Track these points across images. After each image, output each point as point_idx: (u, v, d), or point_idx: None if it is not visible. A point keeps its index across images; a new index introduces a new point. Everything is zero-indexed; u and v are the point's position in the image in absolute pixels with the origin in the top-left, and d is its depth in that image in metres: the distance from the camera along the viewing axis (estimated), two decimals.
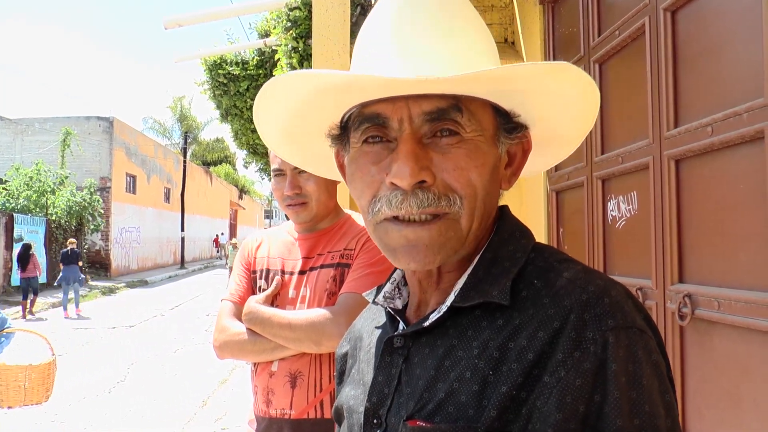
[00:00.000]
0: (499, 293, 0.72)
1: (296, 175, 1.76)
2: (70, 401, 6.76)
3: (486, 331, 0.71)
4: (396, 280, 0.91)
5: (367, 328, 0.95)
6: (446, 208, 0.73)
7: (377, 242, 0.79)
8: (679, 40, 2.20)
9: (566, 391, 0.62)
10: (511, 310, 0.71)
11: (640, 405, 0.62)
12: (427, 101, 0.73)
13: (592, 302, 0.67)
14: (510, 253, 0.78)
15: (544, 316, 0.68)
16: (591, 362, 0.63)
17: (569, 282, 0.70)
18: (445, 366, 0.72)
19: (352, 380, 0.91)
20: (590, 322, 0.65)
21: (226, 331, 1.76)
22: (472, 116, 0.75)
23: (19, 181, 18.50)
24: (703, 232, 2.05)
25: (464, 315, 0.75)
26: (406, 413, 0.73)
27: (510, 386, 0.65)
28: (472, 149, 0.74)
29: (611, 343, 0.64)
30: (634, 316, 0.67)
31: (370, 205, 0.77)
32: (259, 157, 10.37)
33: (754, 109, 1.74)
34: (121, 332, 11.45)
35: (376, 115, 0.75)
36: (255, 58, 7.73)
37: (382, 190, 0.75)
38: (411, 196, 0.72)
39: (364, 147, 0.78)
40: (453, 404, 0.69)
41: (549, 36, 3.68)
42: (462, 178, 0.73)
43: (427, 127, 0.74)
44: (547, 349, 0.65)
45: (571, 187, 3.28)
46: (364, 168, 0.77)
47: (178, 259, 31.39)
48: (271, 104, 0.84)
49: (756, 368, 1.78)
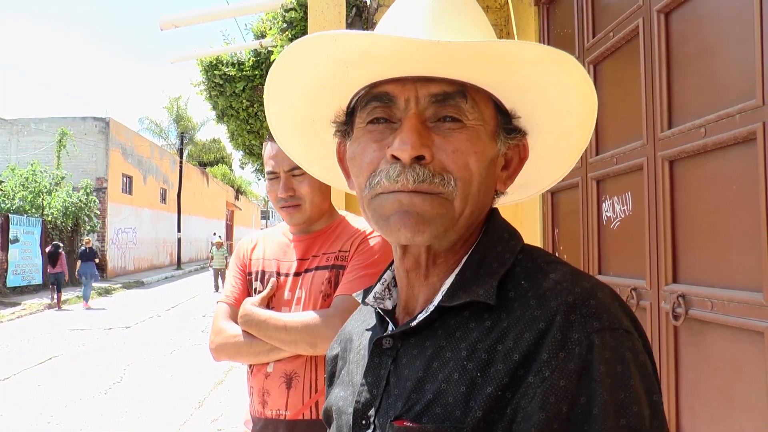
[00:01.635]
0: (486, 293, 0.73)
1: (290, 177, 1.77)
2: (66, 402, 6.74)
3: (474, 333, 0.72)
4: (386, 281, 0.91)
5: (358, 329, 0.95)
6: (440, 187, 0.74)
7: (371, 216, 0.80)
8: (672, 41, 2.21)
9: (550, 391, 0.63)
10: (499, 311, 0.72)
11: (627, 405, 0.62)
12: (435, 84, 0.76)
13: (578, 304, 0.67)
14: (498, 254, 0.79)
15: (530, 317, 0.68)
16: (576, 363, 0.64)
17: (556, 283, 0.71)
18: (433, 367, 0.73)
19: (341, 381, 0.92)
20: (576, 324, 0.66)
21: (222, 334, 1.77)
22: (476, 105, 0.77)
23: (15, 182, 18.46)
24: (696, 233, 2.07)
25: (453, 316, 0.75)
26: (394, 414, 0.73)
27: (495, 387, 0.66)
28: (473, 136, 0.76)
29: (597, 345, 0.64)
30: (621, 318, 0.68)
31: (368, 180, 0.78)
32: (255, 158, 10.36)
33: (747, 111, 1.75)
34: (118, 333, 11.43)
35: (384, 93, 0.78)
36: (251, 58, 7.72)
37: (382, 164, 0.76)
38: (409, 169, 0.74)
39: (368, 127, 0.80)
40: (440, 405, 0.69)
41: (544, 37, 3.69)
42: (459, 161, 0.75)
43: (432, 110, 0.76)
44: (532, 350, 0.66)
45: (566, 187, 3.29)
46: (366, 145, 0.79)
47: (175, 260, 31.34)
48: (284, 79, 0.86)
49: (748, 368, 1.79)
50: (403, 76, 0.77)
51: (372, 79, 0.79)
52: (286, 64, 0.83)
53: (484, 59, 0.74)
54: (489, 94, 0.80)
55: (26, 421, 6.08)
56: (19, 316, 13.66)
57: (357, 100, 0.83)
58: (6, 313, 13.55)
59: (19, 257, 17.13)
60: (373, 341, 0.83)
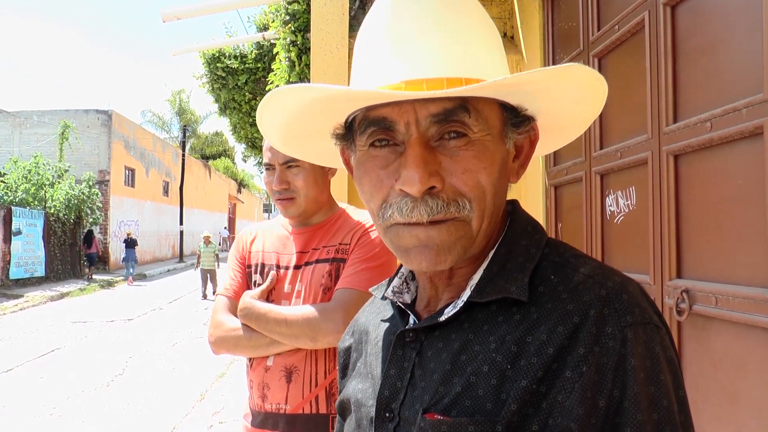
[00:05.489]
0: (518, 289, 0.73)
1: (285, 170, 1.76)
2: (68, 395, 6.76)
3: (503, 326, 0.72)
4: (404, 275, 0.91)
5: (373, 321, 0.95)
6: (455, 213, 0.72)
7: (389, 244, 0.79)
8: (678, 35, 2.19)
9: (587, 387, 0.64)
10: (528, 305, 0.72)
11: (658, 400, 0.63)
12: (434, 103, 0.72)
13: (611, 298, 0.68)
14: (524, 249, 0.78)
15: (563, 310, 0.69)
16: (610, 357, 0.64)
17: (587, 277, 0.71)
18: (460, 360, 0.72)
19: (358, 374, 0.91)
20: (609, 318, 0.66)
21: (221, 327, 1.76)
22: (479, 115, 0.74)
23: (18, 174, 18.46)
24: (701, 228, 2.05)
25: (479, 310, 0.75)
26: (422, 407, 0.73)
27: (530, 380, 0.66)
28: (480, 150, 0.73)
29: (630, 339, 0.65)
30: (650, 313, 0.68)
31: (380, 210, 0.76)
32: (257, 151, 10.37)
33: (753, 105, 1.73)
34: (120, 326, 11.46)
35: (381, 119, 0.74)
36: (253, 51, 7.71)
37: (392, 196, 0.74)
38: (421, 203, 0.71)
39: (371, 151, 0.76)
40: (470, 398, 0.69)
41: (548, 30, 3.66)
42: (471, 181, 0.73)
43: (435, 129, 0.73)
44: (566, 344, 0.66)
45: (569, 182, 3.27)
46: (372, 172, 0.76)
47: (177, 253, 31.41)
48: (273, 114, 0.84)
49: (752, 364, 1.78)
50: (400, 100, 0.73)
51: (366, 104, 0.75)
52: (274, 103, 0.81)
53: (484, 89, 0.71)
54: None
55: (28, 413, 6.10)
56: (21, 308, 13.69)
57: (354, 119, 0.80)
58: (9, 305, 13.59)
59: (21, 249, 17.18)
60: (395, 333, 0.82)
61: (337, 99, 0.76)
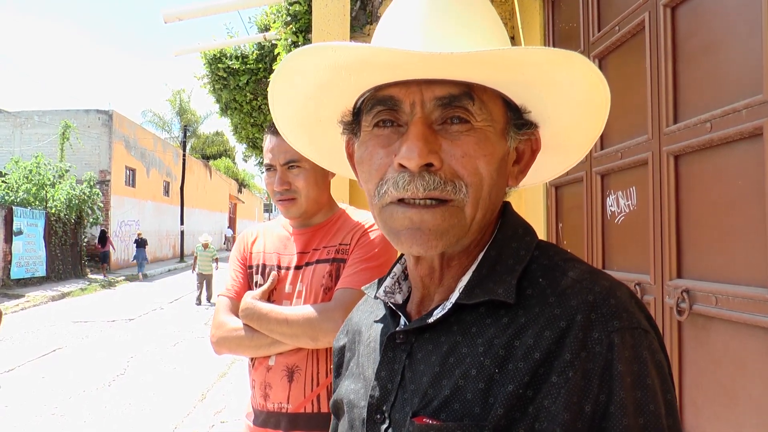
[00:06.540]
0: (505, 292, 0.73)
1: (286, 170, 1.76)
2: (70, 394, 6.77)
3: (490, 329, 0.72)
4: (396, 275, 0.91)
5: (366, 321, 0.95)
6: (451, 194, 0.73)
7: (381, 226, 0.79)
8: (678, 36, 2.19)
9: (573, 392, 0.63)
10: (516, 308, 0.72)
11: (644, 404, 0.63)
12: (440, 87, 0.74)
13: (599, 303, 0.67)
14: (514, 251, 0.78)
15: (550, 315, 0.68)
16: (597, 363, 0.64)
17: (575, 282, 0.71)
18: (449, 363, 0.72)
19: (351, 374, 0.91)
20: (596, 323, 0.66)
21: (223, 327, 1.77)
22: (484, 106, 0.75)
23: (19, 174, 18.47)
24: (701, 228, 2.05)
25: (468, 312, 0.75)
26: (411, 409, 0.73)
27: (517, 385, 0.66)
28: (482, 138, 0.75)
29: (617, 344, 0.65)
30: (639, 317, 0.68)
31: (377, 188, 0.77)
32: (258, 151, 10.37)
33: (753, 106, 1.74)
34: (121, 325, 11.46)
35: (389, 97, 0.76)
36: (255, 52, 7.71)
37: (389, 173, 0.75)
38: (418, 177, 0.72)
39: (374, 130, 0.78)
40: (459, 401, 0.69)
41: (549, 31, 3.67)
42: (469, 166, 0.74)
43: (439, 113, 0.74)
44: (553, 349, 0.66)
45: (570, 182, 3.28)
46: (373, 151, 0.78)
47: (178, 253, 31.41)
48: (286, 86, 0.85)
49: (752, 364, 1.78)
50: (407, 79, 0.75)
51: (375, 83, 0.78)
52: (286, 73, 0.82)
53: (488, 64, 0.72)
54: (497, 91, 0.78)
55: (30, 413, 6.11)
56: (23, 308, 13.70)
57: (362, 101, 0.81)
58: (10, 305, 13.60)
59: (22, 249, 17.18)
60: (385, 335, 0.82)
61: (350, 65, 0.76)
